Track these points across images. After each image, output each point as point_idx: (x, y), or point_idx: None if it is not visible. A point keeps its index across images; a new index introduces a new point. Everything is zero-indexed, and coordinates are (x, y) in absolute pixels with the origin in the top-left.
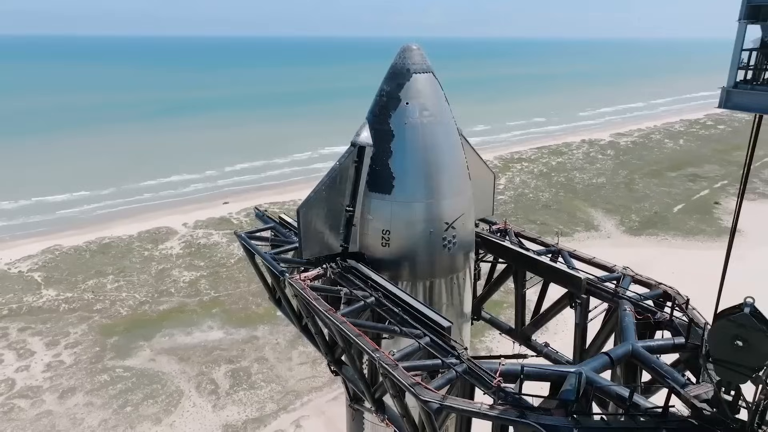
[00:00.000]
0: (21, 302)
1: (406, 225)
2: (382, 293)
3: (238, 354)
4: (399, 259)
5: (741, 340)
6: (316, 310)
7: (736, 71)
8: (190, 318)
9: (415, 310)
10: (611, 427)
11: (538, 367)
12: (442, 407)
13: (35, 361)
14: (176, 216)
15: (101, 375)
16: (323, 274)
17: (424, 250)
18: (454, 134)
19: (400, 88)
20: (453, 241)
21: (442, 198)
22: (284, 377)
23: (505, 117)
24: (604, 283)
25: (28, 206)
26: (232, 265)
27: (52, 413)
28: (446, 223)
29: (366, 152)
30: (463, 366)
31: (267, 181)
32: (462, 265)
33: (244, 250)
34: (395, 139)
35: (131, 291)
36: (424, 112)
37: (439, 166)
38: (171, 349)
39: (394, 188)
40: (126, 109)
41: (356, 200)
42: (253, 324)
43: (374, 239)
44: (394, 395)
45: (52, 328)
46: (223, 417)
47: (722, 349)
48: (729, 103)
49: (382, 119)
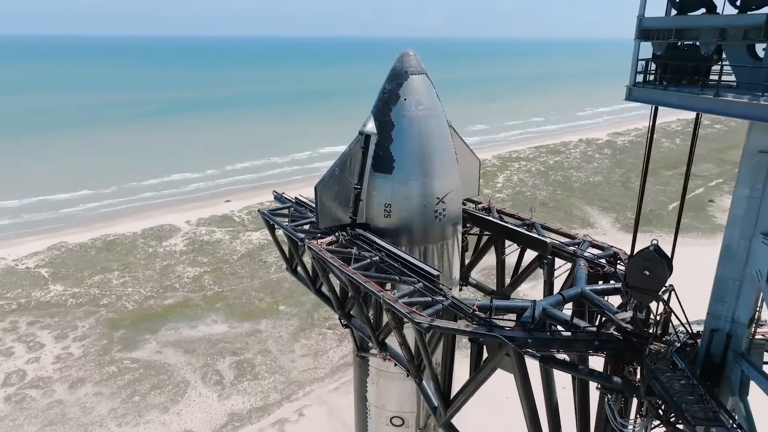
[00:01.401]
0: (29, 297)
1: (405, 199)
2: (385, 254)
3: (241, 346)
4: (398, 228)
5: (648, 270)
6: (332, 266)
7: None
8: (195, 312)
9: (411, 264)
10: (556, 338)
11: (505, 302)
12: (431, 326)
13: (45, 353)
14: (179, 214)
15: (109, 366)
16: (336, 240)
17: (419, 220)
18: (444, 125)
19: (399, 86)
20: (443, 214)
21: (434, 177)
22: (287, 368)
23: (504, 117)
24: (566, 246)
25: (32, 204)
26: (235, 261)
27: (62, 402)
28: (437, 198)
29: (371, 139)
30: (448, 301)
31: (267, 180)
32: (450, 235)
33: (266, 224)
34: (395, 129)
35: (136, 286)
36: (419, 107)
37: (431, 151)
38: (176, 342)
39: (394, 169)
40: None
41: (363, 179)
42: (256, 318)
43: (378, 211)
44: (395, 326)
45: (60, 322)
46: (228, 406)
47: (635, 278)
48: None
49: (384, 112)
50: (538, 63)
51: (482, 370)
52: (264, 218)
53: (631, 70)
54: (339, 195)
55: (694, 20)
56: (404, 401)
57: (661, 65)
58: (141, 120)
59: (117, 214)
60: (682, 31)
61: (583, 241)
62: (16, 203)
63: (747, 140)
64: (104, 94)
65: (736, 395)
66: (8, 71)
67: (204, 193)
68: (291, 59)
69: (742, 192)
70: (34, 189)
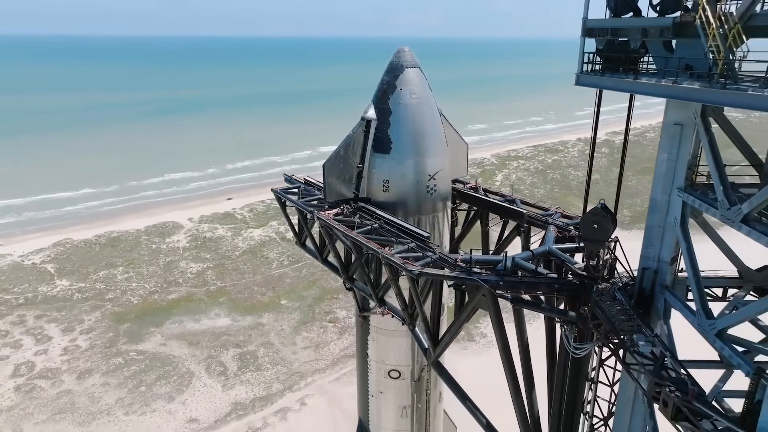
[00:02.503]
0: (36, 292)
1: (401, 176)
2: (384, 221)
3: (245, 339)
4: (395, 201)
5: (596, 224)
6: (338, 232)
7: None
8: (198, 306)
9: (406, 228)
10: (523, 281)
11: (484, 257)
12: (421, 273)
13: (53, 346)
14: (181, 211)
15: (116, 358)
16: (341, 212)
17: (413, 194)
18: (435, 113)
19: (396, 78)
20: (434, 189)
21: (426, 157)
22: (289, 360)
23: (503, 116)
24: (540, 216)
25: (34, 203)
26: (237, 257)
27: (71, 392)
28: (429, 176)
29: (372, 124)
30: (436, 255)
31: (268, 179)
32: (441, 208)
33: (278, 201)
34: (392, 115)
35: (141, 281)
36: (413, 96)
37: (424, 135)
38: (181, 335)
39: (392, 150)
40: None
41: (365, 159)
42: (259, 312)
43: (377, 187)
44: (392, 278)
45: (66, 316)
46: (232, 396)
47: (586, 231)
48: (578, 82)
49: (383, 101)
50: (537, 63)
51: (464, 311)
52: (276, 196)
53: (578, 61)
54: (343, 173)
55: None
56: (401, 356)
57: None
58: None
59: (119, 211)
60: (616, 30)
61: (555, 212)
62: (19, 201)
63: (665, 115)
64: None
65: (661, 319)
66: (9, 71)
67: (205, 192)
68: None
69: (662, 156)
70: (35, 188)
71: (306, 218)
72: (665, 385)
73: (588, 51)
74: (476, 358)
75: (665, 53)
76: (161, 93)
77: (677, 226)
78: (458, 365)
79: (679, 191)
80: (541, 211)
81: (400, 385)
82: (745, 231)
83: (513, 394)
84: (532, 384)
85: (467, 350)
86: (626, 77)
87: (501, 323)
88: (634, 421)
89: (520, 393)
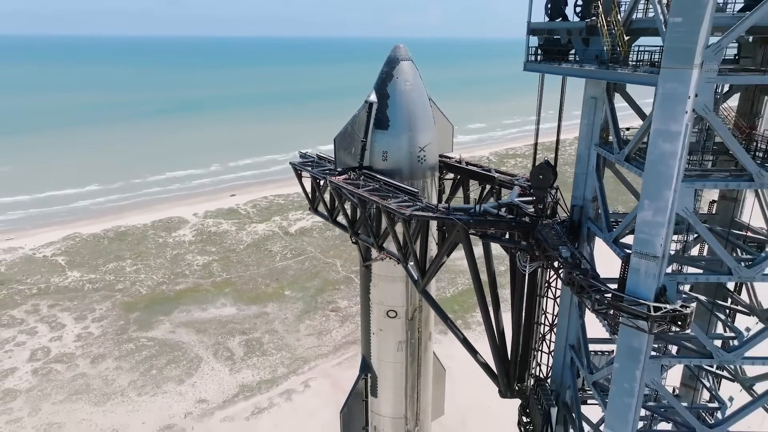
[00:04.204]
0: (48, 282)
1: (397, 148)
2: (383, 182)
3: (250, 327)
4: (392, 169)
5: (541, 175)
6: (347, 191)
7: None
8: (205, 296)
9: (400, 187)
10: (488, 219)
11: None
12: (411, 215)
13: (66, 333)
14: (186, 207)
15: (127, 344)
16: (348, 177)
17: (407, 163)
18: (425, 97)
19: (393, 68)
20: (424, 158)
21: (417, 133)
22: (293, 346)
23: (502, 115)
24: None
25: (41, 200)
26: (241, 250)
27: (86, 375)
28: (420, 148)
29: (373, 106)
30: (423, 204)
31: (270, 176)
32: (430, 176)
33: (294, 172)
34: (390, 99)
35: (149, 273)
36: (406, 83)
37: (415, 115)
38: (189, 323)
39: (389, 126)
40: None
41: (368, 134)
42: (263, 302)
43: (377, 157)
44: (389, 224)
45: (78, 305)
46: (239, 379)
47: (533, 180)
48: (525, 68)
49: (382, 87)
50: None
51: (444, 245)
52: (293, 167)
53: (525, 52)
54: (350, 146)
55: (556, 24)
56: (397, 298)
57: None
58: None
59: (125, 207)
60: (551, 30)
61: (521, 177)
62: (26, 198)
63: (584, 91)
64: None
65: (585, 242)
66: (10, 71)
67: (209, 188)
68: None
69: (583, 121)
70: (41, 185)
71: (319, 185)
72: (574, 272)
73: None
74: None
75: (583, 47)
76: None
77: (594, 172)
78: (454, 351)
79: (595, 146)
80: (510, 176)
81: (396, 324)
82: (627, 167)
83: (482, 312)
84: (497, 304)
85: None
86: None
87: (472, 254)
88: (571, 324)
89: (488, 311)
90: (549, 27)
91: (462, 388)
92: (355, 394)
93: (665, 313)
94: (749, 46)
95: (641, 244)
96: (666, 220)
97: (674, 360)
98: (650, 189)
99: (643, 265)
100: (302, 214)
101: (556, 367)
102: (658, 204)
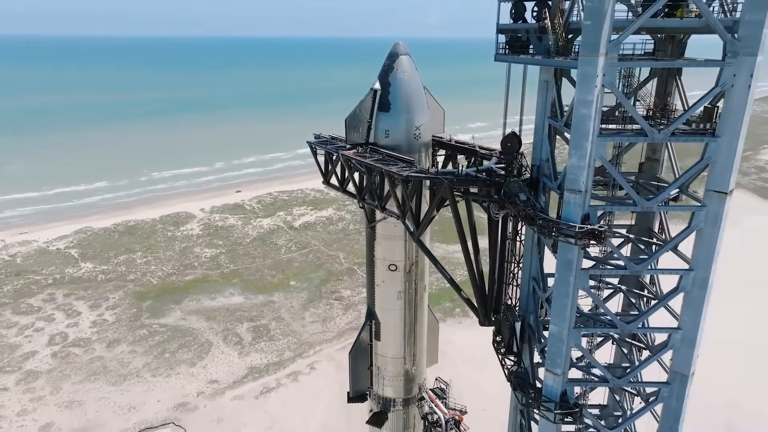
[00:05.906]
0: (63, 273)
1: (397, 127)
2: (385, 155)
3: (257, 314)
4: (393, 145)
5: (509, 143)
6: (356, 161)
7: (497, 50)
8: (213, 286)
9: (399, 157)
10: (468, 179)
11: (446, 170)
12: (408, 176)
13: (82, 320)
14: (193, 203)
15: (140, 330)
16: (357, 151)
17: (405, 139)
18: (420, 85)
19: (393, 61)
20: (419, 136)
21: (414, 115)
22: (299, 332)
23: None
24: (488, 153)
25: (51, 196)
26: (248, 243)
27: (102, 358)
28: (416, 127)
29: (377, 92)
30: (417, 168)
31: (274, 174)
32: (424, 151)
33: (311, 150)
34: (391, 86)
35: (159, 265)
36: (404, 74)
37: (412, 99)
38: (198, 311)
39: (391, 109)
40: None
41: (373, 115)
42: (270, 291)
43: (381, 135)
44: (391, 186)
45: (93, 294)
46: (248, 361)
47: (503, 148)
48: (496, 59)
49: (385, 77)
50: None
51: (434, 201)
52: (310, 145)
53: (495, 47)
54: (358, 125)
55: (518, 25)
56: (397, 253)
57: (509, 45)
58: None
59: (134, 203)
60: (515, 30)
61: (498, 151)
62: (35, 195)
63: (539, 76)
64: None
65: (542, 193)
66: (11, 71)
67: (215, 185)
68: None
69: (539, 99)
70: (50, 182)
71: (332, 159)
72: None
73: (500, 42)
74: (470, 331)
75: (537, 42)
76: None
77: (547, 139)
78: (454, 337)
79: (548, 119)
80: (489, 150)
81: (396, 276)
82: (565, 130)
83: (465, 256)
84: (477, 249)
85: (462, 324)
86: (520, 56)
87: (456, 209)
88: (533, 260)
89: (470, 255)
90: (513, 27)
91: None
92: (360, 338)
93: (587, 231)
94: (662, 42)
95: (570, 183)
96: (585, 164)
97: (597, 272)
98: (575, 142)
99: (572, 198)
100: (306, 210)
101: (522, 296)
102: (580, 153)
